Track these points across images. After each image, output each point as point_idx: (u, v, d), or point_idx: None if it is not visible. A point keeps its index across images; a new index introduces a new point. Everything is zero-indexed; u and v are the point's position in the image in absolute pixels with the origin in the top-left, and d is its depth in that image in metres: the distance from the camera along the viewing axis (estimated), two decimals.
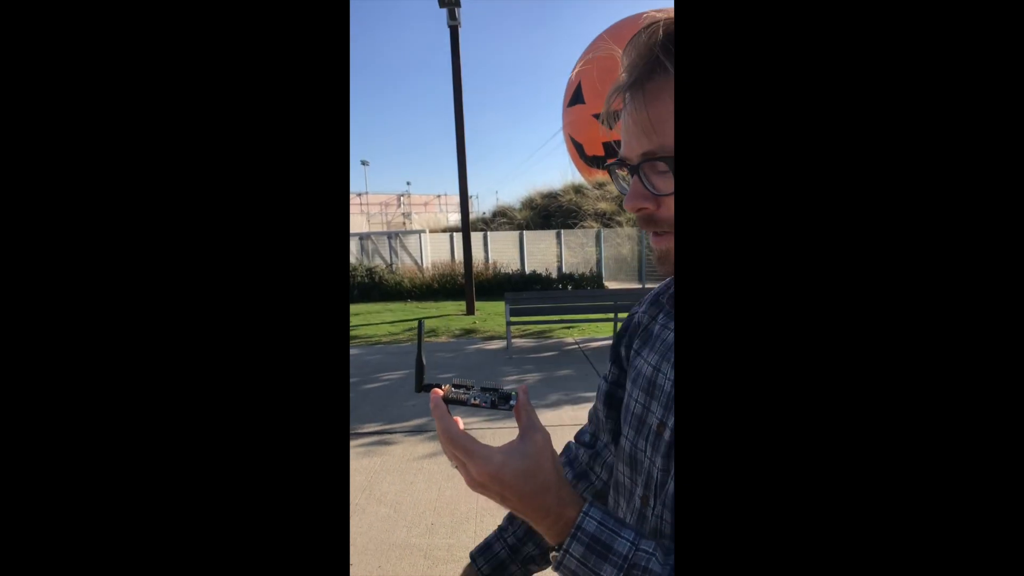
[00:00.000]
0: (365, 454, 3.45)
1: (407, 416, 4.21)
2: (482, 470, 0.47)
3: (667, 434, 0.55)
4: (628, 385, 0.65)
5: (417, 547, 2.44)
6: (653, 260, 0.54)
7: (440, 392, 0.52)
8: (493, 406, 0.52)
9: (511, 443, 0.48)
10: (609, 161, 0.54)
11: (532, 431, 0.49)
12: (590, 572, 0.45)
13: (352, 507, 2.82)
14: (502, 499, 0.48)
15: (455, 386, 0.53)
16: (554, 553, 0.47)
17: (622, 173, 0.54)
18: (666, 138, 0.47)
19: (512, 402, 0.52)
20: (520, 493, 0.47)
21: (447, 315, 9.17)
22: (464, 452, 0.47)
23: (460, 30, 9.10)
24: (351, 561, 2.36)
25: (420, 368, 0.55)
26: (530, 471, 0.47)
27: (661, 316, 0.65)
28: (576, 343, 6.66)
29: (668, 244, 0.51)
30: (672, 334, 0.60)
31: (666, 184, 0.49)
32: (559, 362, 5.76)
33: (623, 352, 0.69)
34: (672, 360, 0.58)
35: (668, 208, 0.50)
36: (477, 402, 0.52)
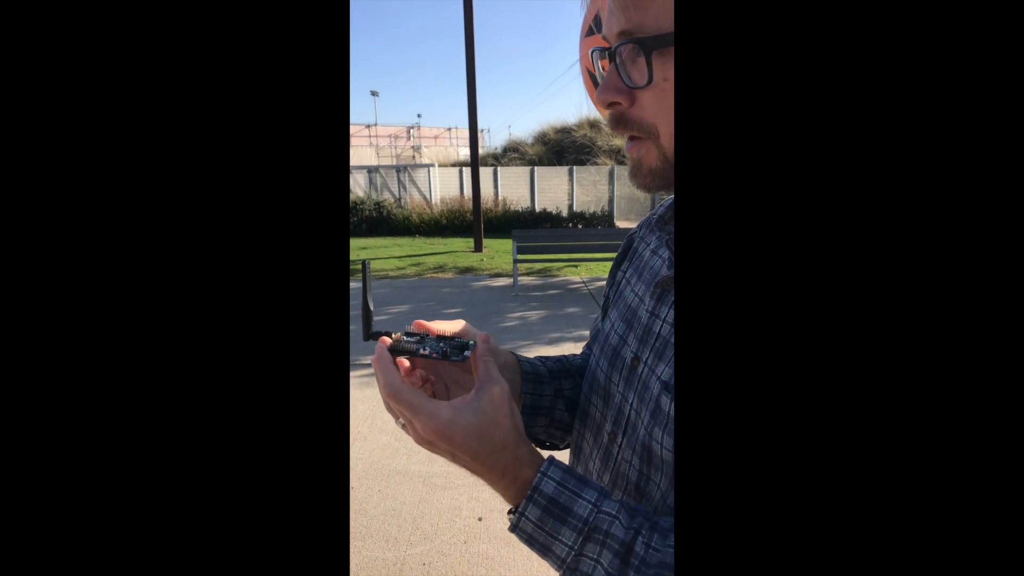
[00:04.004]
0: (369, 384, 3.52)
1: None
2: (428, 427, 0.42)
3: (641, 368, 0.51)
4: (612, 312, 0.60)
5: (417, 474, 2.52)
6: (627, 170, 0.48)
7: (388, 341, 0.47)
8: (444, 356, 0.48)
9: (464, 397, 0.44)
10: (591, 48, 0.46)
11: (489, 384, 0.45)
12: (547, 536, 0.42)
13: (354, 435, 2.90)
14: (452, 457, 0.44)
15: (407, 334, 0.49)
16: (510, 515, 0.44)
17: (602, 66, 0.46)
18: (647, 15, 0.39)
19: (467, 352, 0.47)
20: (472, 452, 0.43)
21: (455, 251, 9.15)
22: (408, 408, 0.43)
23: None
24: (352, 486, 2.45)
25: (367, 314, 0.50)
26: (484, 428, 0.43)
27: (653, 240, 0.59)
28: (583, 282, 6.64)
29: (640, 151, 0.45)
30: (660, 261, 0.55)
31: (641, 75, 0.41)
32: (565, 300, 5.76)
33: (618, 276, 0.63)
34: (654, 292, 0.53)
35: (642, 106, 0.43)
36: (427, 352, 0.48)
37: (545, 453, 0.45)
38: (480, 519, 2.21)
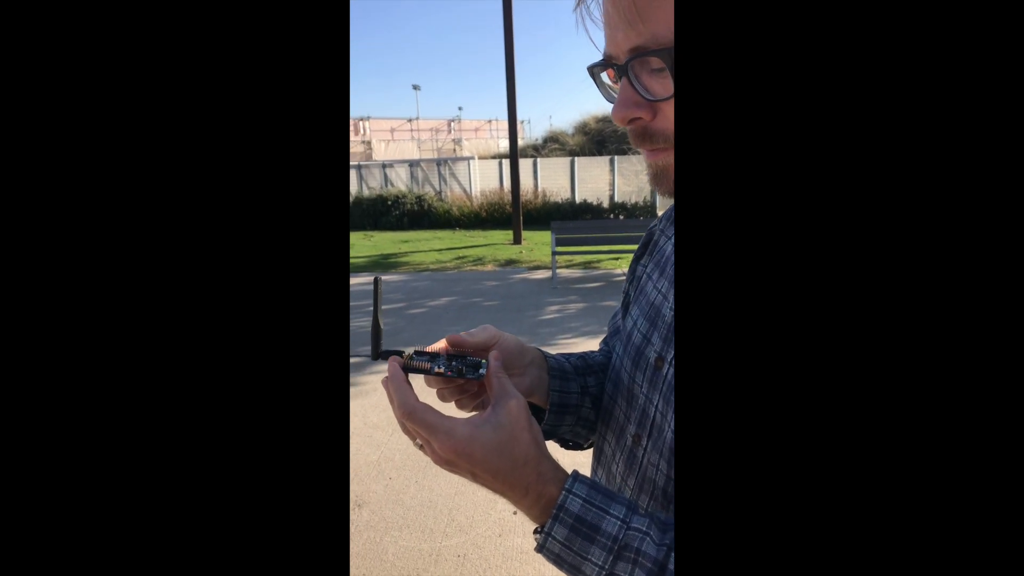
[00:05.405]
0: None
1: None
2: (446, 446, 0.41)
3: (666, 369, 0.49)
4: (633, 309, 0.58)
5: None
6: (648, 178, 0.46)
7: (399, 361, 0.47)
8: (459, 374, 0.47)
9: (481, 414, 0.44)
10: (592, 64, 0.44)
11: (505, 399, 0.44)
12: (575, 555, 0.41)
13: (392, 426, 2.95)
14: (473, 476, 0.43)
15: (418, 353, 0.48)
16: (536, 535, 0.43)
17: (609, 77, 0.44)
18: (659, 25, 0.37)
19: (482, 371, 0.47)
20: (493, 470, 0.41)
21: (494, 244, 9.17)
22: (425, 427, 0.42)
23: None
24: (390, 476, 2.50)
25: (377, 332, 0.49)
26: (503, 444, 0.42)
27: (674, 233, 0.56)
28: (624, 274, 6.53)
29: (668, 159, 0.43)
30: None
31: (664, 86, 0.39)
32: (604, 293, 5.70)
33: (638, 271, 0.61)
34: None
35: (666, 117, 0.41)
36: (441, 370, 0.47)
37: (569, 466, 0.44)
38: (515, 512, 2.22)
